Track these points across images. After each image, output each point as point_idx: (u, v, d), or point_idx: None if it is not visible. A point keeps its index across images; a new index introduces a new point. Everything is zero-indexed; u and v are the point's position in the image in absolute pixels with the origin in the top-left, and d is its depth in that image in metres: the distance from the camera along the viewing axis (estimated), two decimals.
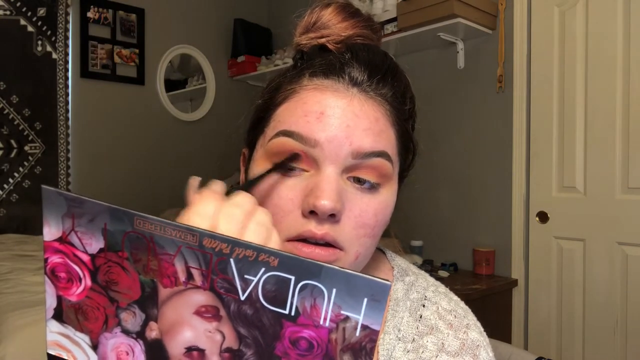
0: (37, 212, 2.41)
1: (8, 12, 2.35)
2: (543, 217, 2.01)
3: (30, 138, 2.42)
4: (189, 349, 0.29)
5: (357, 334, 0.27)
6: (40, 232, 2.35)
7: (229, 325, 0.29)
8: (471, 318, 0.53)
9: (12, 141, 2.37)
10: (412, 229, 2.32)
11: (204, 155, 2.99)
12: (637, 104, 1.75)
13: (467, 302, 0.56)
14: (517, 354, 1.02)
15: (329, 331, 0.27)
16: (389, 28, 2.21)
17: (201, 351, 0.29)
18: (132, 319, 0.30)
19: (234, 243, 0.28)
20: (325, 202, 0.40)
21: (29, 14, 2.41)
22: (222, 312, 0.29)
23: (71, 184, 2.53)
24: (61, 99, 2.49)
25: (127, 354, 0.30)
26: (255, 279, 0.28)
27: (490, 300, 1.94)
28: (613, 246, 1.82)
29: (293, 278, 0.27)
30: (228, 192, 0.36)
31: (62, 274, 0.31)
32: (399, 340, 0.50)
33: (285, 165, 0.43)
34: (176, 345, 0.29)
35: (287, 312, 0.27)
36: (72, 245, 0.30)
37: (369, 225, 0.44)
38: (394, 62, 0.49)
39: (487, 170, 2.16)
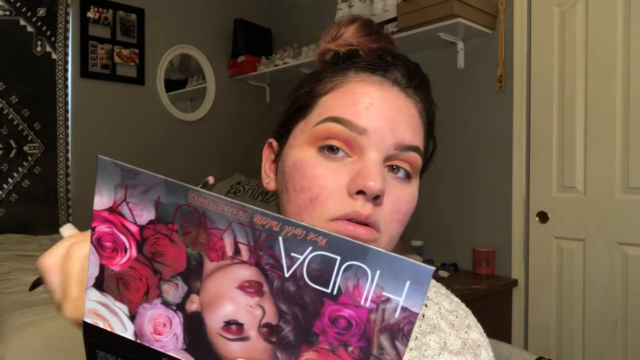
0: (37, 212, 2.43)
1: (8, 12, 2.35)
2: (543, 217, 2.01)
3: (29, 138, 2.42)
4: (228, 323, 0.30)
5: (397, 315, 0.27)
6: (39, 232, 2.36)
7: (271, 301, 0.29)
8: (472, 319, 0.55)
9: (12, 141, 2.37)
10: (412, 229, 2.32)
11: (204, 155, 2.99)
12: (637, 104, 1.75)
13: (467, 302, 0.57)
14: (517, 354, 1.02)
15: (368, 311, 0.28)
16: (389, 28, 2.21)
17: (240, 325, 0.30)
18: (174, 290, 0.30)
19: (285, 221, 0.28)
20: (373, 184, 0.43)
21: (29, 14, 2.41)
22: (265, 288, 0.29)
23: (70, 184, 2.53)
24: (61, 99, 2.49)
25: (165, 325, 0.31)
26: (302, 257, 0.28)
27: (490, 300, 1.94)
28: (613, 246, 1.82)
29: (339, 258, 0.28)
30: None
31: (108, 244, 0.31)
32: None
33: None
34: (216, 319, 0.30)
35: (329, 291, 0.28)
36: (122, 215, 0.30)
37: (401, 212, 0.47)
38: (425, 73, 0.55)
39: (487, 170, 2.16)
